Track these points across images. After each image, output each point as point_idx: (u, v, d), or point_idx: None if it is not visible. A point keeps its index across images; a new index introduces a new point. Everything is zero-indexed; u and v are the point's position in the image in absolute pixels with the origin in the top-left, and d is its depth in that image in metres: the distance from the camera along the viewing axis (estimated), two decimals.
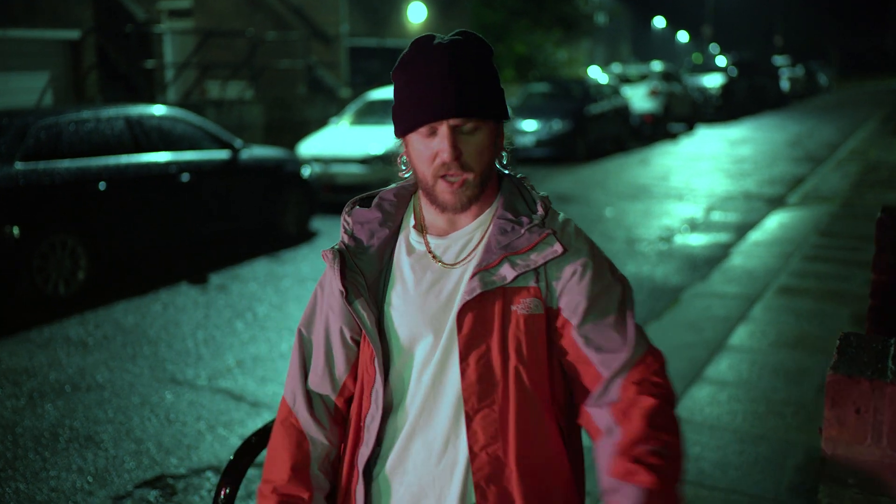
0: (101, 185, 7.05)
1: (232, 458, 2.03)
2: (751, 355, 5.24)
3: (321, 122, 15.67)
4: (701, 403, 4.51)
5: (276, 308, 6.67)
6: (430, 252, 1.63)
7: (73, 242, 6.80)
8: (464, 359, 1.54)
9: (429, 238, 1.65)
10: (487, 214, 1.63)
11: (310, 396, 1.69)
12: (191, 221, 8.04)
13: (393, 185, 1.74)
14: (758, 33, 66.06)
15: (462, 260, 1.61)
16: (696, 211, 10.75)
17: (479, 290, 1.53)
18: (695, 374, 4.93)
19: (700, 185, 13.06)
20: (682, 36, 60.42)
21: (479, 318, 1.54)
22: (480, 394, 1.54)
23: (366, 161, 10.77)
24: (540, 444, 1.57)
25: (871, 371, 1.55)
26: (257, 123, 16.13)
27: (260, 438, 2.16)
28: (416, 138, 1.56)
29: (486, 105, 1.56)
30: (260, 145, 10.80)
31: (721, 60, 35.59)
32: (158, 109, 8.14)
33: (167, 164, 7.74)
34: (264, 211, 8.87)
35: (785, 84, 34.87)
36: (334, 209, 10.68)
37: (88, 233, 6.95)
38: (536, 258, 1.56)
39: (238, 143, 8.70)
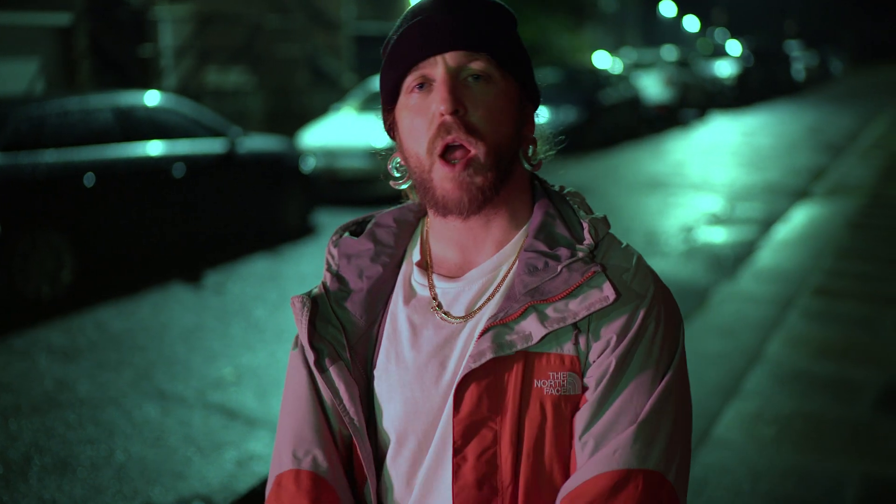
0: (88, 179, 6.59)
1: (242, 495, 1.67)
2: (793, 367, 4.78)
3: (323, 111, 15.20)
4: (740, 424, 4.06)
5: (275, 310, 6.23)
6: (434, 300, 1.15)
7: (58, 241, 6.34)
8: (459, 451, 1.07)
9: (435, 280, 1.16)
10: (514, 244, 1.14)
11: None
12: (184, 216, 7.57)
13: (393, 208, 1.26)
14: (769, 18, 65.25)
15: (476, 311, 1.12)
16: (717, 203, 10.29)
17: (489, 356, 1.05)
18: (732, 388, 4.48)
19: (718, 175, 12.59)
20: (690, 20, 59.69)
21: (486, 394, 1.06)
22: (479, 501, 1.07)
23: (370, 153, 10.27)
24: None
25: None
26: (258, 112, 15.68)
27: None
28: (405, 105, 1.11)
29: (500, 47, 1.10)
30: (259, 134, 10.33)
31: (732, 46, 34.97)
32: (150, 97, 7.67)
33: (159, 156, 7.28)
34: (263, 204, 8.40)
35: (800, 72, 34.26)
36: (337, 202, 10.25)
37: (74, 230, 6.48)
38: (577, 308, 1.06)
39: (235, 131, 8.24)
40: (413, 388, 1.12)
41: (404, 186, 1.19)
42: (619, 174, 12.83)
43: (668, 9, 55.06)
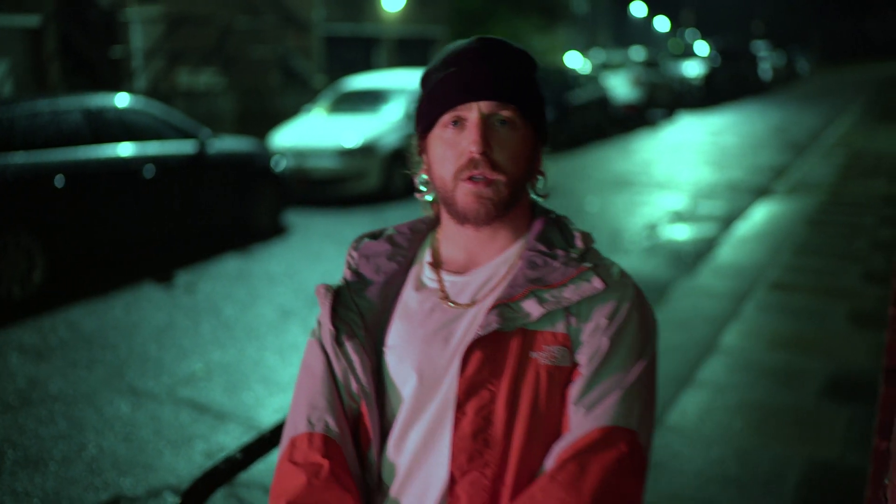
0: (59, 180, 6.65)
1: (206, 470, 1.81)
2: (745, 357, 4.97)
3: (295, 111, 15.27)
4: (694, 411, 4.24)
5: (244, 308, 6.34)
6: (442, 291, 1.38)
7: (29, 241, 6.41)
8: (460, 406, 1.27)
9: (444, 275, 1.39)
10: (516, 249, 1.37)
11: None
12: (155, 217, 7.65)
13: (410, 221, 1.51)
14: (737, 18, 65.92)
15: (480, 299, 1.35)
16: (680, 201, 10.50)
17: (495, 326, 1.26)
18: (686, 377, 4.66)
19: (683, 174, 12.82)
20: (660, 20, 60.18)
21: (489, 360, 1.27)
22: (472, 452, 1.26)
23: (340, 154, 10.40)
24: None
25: None
26: (230, 113, 15.72)
27: (246, 455, 1.97)
28: (439, 135, 1.32)
29: (526, 98, 1.32)
30: (230, 135, 10.40)
31: (700, 46, 35.40)
32: (120, 99, 7.73)
33: (130, 157, 7.36)
34: (234, 205, 8.49)
35: (767, 72, 34.73)
36: (307, 202, 10.36)
37: (45, 231, 6.54)
38: (571, 295, 1.29)
39: (205, 133, 8.32)
40: (419, 358, 1.33)
41: (429, 198, 1.39)
42: (586, 173, 13.03)
43: (638, 9, 55.53)
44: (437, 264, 1.41)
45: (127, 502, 3.68)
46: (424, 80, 1.37)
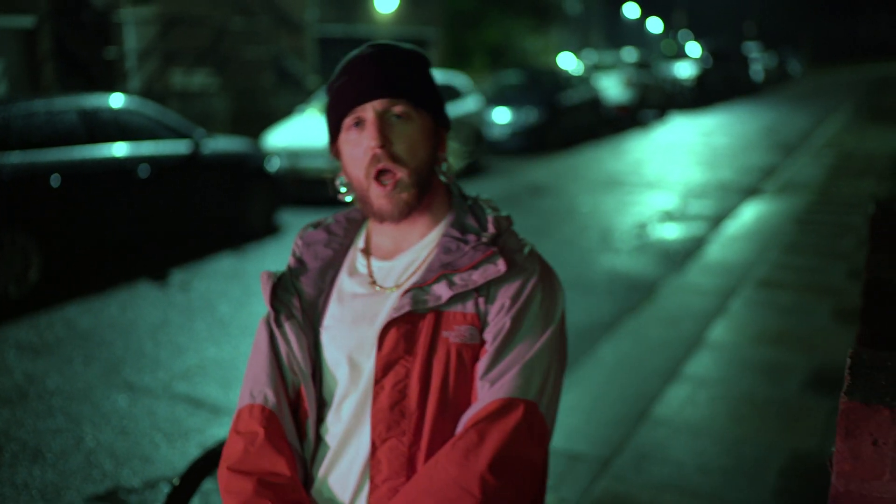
0: (55, 179, 6.72)
1: (189, 466, 1.90)
2: (730, 352, 5.07)
3: (289, 112, 15.35)
4: (680, 404, 4.34)
5: (239, 306, 6.41)
6: (371, 276, 1.53)
7: (25, 240, 6.48)
8: (378, 381, 1.41)
9: (373, 261, 1.54)
10: (435, 234, 1.51)
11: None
12: (150, 216, 7.72)
13: (347, 210, 1.65)
14: (729, 20, 66.17)
15: (403, 282, 1.49)
16: (671, 201, 10.60)
17: (407, 308, 1.40)
18: (673, 371, 4.75)
19: (674, 174, 12.92)
20: (653, 21, 60.33)
21: (403, 339, 1.41)
22: (390, 422, 1.40)
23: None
24: None
25: (890, 397, 1.35)
26: (224, 114, 15.77)
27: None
28: (345, 138, 1.46)
29: (416, 91, 1.45)
30: (224, 136, 10.47)
31: (692, 47, 35.55)
32: (115, 99, 7.80)
33: (124, 157, 7.43)
34: (228, 205, 8.56)
35: (759, 73, 34.89)
36: (301, 202, 10.43)
37: (41, 230, 6.61)
38: (478, 278, 1.41)
39: (199, 133, 8.39)
40: (349, 337, 1.47)
41: (349, 199, 1.52)
42: (578, 173, 13.13)
43: (631, 11, 55.67)
44: (368, 251, 1.55)
45: (124, 493, 3.76)
46: (328, 91, 1.49)
